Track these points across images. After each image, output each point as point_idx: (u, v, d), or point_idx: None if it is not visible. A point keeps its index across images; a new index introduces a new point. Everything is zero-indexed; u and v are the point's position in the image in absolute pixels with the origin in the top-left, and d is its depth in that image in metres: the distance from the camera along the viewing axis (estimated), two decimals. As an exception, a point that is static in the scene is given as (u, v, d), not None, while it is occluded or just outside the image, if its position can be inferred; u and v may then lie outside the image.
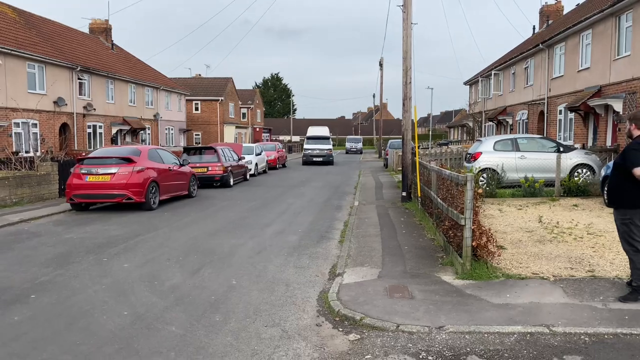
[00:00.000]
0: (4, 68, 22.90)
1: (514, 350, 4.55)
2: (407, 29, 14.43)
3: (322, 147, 35.74)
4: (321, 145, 36.01)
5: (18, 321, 5.37)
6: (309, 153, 36.06)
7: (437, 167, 9.70)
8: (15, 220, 11.65)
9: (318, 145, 36.02)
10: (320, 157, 35.51)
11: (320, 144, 36.09)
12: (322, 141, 36.48)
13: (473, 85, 42.64)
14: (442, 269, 7.13)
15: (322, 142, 36.39)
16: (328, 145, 36.17)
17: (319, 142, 36.32)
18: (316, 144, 36.17)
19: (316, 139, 36.70)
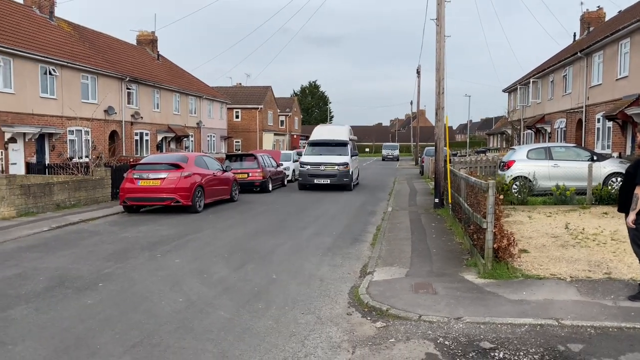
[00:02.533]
0: (60, 79, 24.57)
1: (523, 338, 5.08)
2: (440, 42, 14.96)
3: (330, 160, 20.83)
4: (330, 156, 21.10)
5: (91, 304, 6.25)
6: (306, 170, 20.99)
7: (464, 175, 10.21)
8: (76, 221, 12.78)
9: (325, 156, 21.18)
10: (326, 177, 20.63)
11: (329, 154, 21.22)
12: (334, 149, 21.49)
13: (512, 92, 42.44)
14: (466, 269, 7.66)
15: (332, 150, 21.45)
16: (342, 157, 21.03)
17: (327, 151, 21.44)
18: (322, 154, 21.32)
19: (324, 146, 21.76)
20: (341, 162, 20.76)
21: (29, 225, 11.93)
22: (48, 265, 8.26)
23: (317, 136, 22.57)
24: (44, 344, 5.02)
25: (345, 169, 20.63)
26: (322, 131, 23.09)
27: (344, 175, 20.60)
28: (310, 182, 20.77)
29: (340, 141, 21.83)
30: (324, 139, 22.03)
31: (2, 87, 21.12)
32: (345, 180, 20.68)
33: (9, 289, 6.87)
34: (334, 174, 20.55)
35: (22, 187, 13.76)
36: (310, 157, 21.25)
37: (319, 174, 20.61)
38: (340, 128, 23.81)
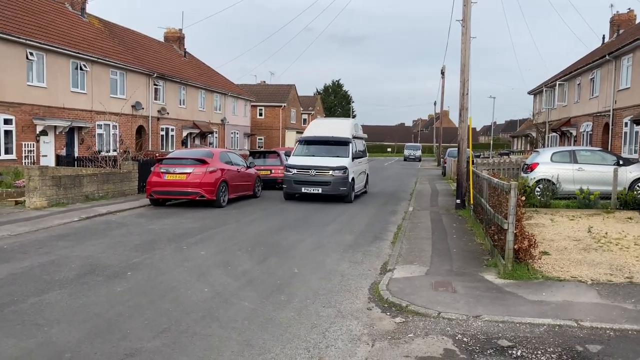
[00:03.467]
0: (90, 74, 25.17)
1: (542, 338, 5.15)
2: (465, 43, 14.94)
3: (323, 164, 16.27)
4: (325, 158, 16.63)
5: (120, 291, 6.51)
6: (291, 176, 16.40)
7: (487, 176, 10.24)
8: (104, 212, 13.16)
9: (318, 158, 16.73)
10: (317, 184, 16.13)
11: (324, 155, 16.80)
12: (331, 149, 17.12)
13: (537, 95, 41.91)
14: (486, 269, 7.72)
15: (329, 150, 17.09)
16: (340, 160, 16.47)
17: (322, 151, 17.09)
18: (315, 155, 16.98)
19: (319, 144, 17.49)
20: (337, 165, 16.05)
21: (59, 215, 12.33)
22: (79, 253, 8.58)
23: (312, 132, 18.05)
24: (78, 327, 5.27)
25: (342, 174, 16.02)
26: (320, 126, 18.60)
27: (341, 183, 15.97)
28: (297, 190, 16.29)
29: (341, 139, 17.26)
30: (320, 136, 17.59)
31: (36, 82, 21.75)
32: (342, 190, 16.01)
33: (43, 275, 7.18)
34: (326, 180, 15.95)
35: (53, 178, 14.21)
36: (298, 159, 16.83)
37: (307, 181, 16.07)
38: (343, 122, 18.97)
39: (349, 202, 16.28)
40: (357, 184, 17.41)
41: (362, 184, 18.73)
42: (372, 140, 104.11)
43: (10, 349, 4.69)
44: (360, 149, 19.00)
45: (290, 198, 16.78)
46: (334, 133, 17.62)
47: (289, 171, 16.44)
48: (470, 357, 4.72)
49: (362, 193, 19.03)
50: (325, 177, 16.05)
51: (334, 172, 16.05)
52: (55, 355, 4.57)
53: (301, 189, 16.24)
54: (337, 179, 16.04)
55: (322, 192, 16.04)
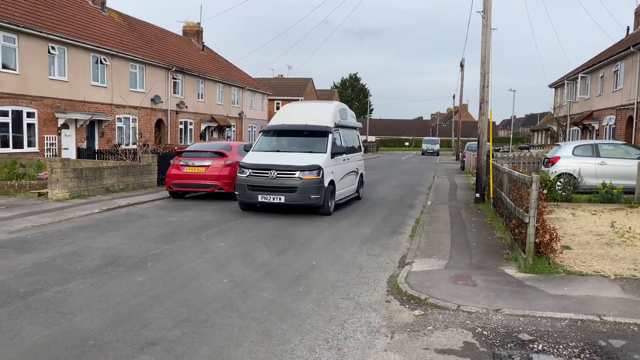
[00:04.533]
0: (110, 68, 25.44)
1: (563, 332, 5.08)
2: (486, 34, 14.74)
3: (288, 162, 12.10)
4: (293, 154, 12.57)
5: (141, 281, 6.59)
6: (245, 179, 12.12)
7: (507, 169, 10.11)
8: (124, 204, 13.33)
9: (283, 154, 12.72)
10: (279, 190, 11.86)
11: (293, 151, 12.83)
12: (305, 142, 13.10)
13: (558, 88, 41.23)
14: (507, 263, 7.64)
15: (302, 143, 13.08)
16: (312, 157, 12.32)
17: (292, 145, 13.17)
18: (279, 151, 12.99)
19: (288, 135, 13.49)
20: (308, 164, 11.76)
21: (81, 207, 12.52)
22: (100, 244, 8.70)
23: (281, 119, 13.77)
24: (100, 315, 5.35)
25: (314, 177, 11.66)
26: (292, 112, 14.24)
27: (312, 189, 11.60)
28: (251, 199, 11.91)
29: (317, 128, 12.86)
30: (289, 125, 13.27)
31: (57, 75, 22.07)
32: (314, 198, 11.64)
33: (66, 265, 7.30)
34: (292, 185, 11.62)
35: (75, 170, 14.42)
36: (256, 156, 12.51)
37: (265, 186, 11.70)
38: (323, 107, 14.40)
39: (325, 214, 12.08)
40: (340, 188, 13.15)
41: (352, 188, 14.47)
42: (390, 134, 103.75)
43: (36, 336, 4.78)
44: (350, 142, 14.61)
45: (250, 208, 12.59)
46: (310, 120, 13.12)
47: (242, 172, 12.07)
48: (490, 350, 4.69)
49: (354, 199, 14.90)
50: (291, 181, 11.64)
51: (302, 174, 11.62)
52: (79, 343, 4.65)
53: (257, 197, 11.70)
54: (307, 183, 11.55)
55: (286, 201, 11.63)
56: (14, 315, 5.31)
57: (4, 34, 19.03)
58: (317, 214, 12.16)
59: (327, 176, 12.12)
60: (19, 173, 16.06)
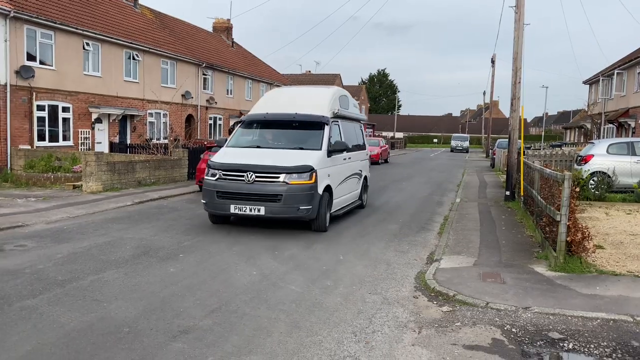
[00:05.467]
0: (142, 64, 25.91)
1: (595, 332, 5.01)
2: (518, 30, 14.50)
3: (271, 162, 9.28)
4: (276, 152, 9.79)
5: (173, 272, 6.75)
6: (214, 184, 9.34)
7: (539, 166, 9.96)
8: (156, 197, 13.62)
9: (265, 150, 9.92)
10: (257, 199, 9.04)
11: (275, 148, 10.06)
12: (291, 135, 10.38)
13: (593, 84, 40.21)
14: (537, 261, 7.54)
15: (291, 138, 10.32)
16: (305, 155, 9.57)
17: (278, 139, 10.51)
18: (260, 147, 10.16)
19: (273, 127, 10.78)
20: (296, 165, 9.17)
21: (114, 200, 12.85)
22: (133, 235, 8.93)
23: (264, 107, 11.00)
24: (134, 304, 5.52)
25: (304, 182, 9.07)
26: (280, 98, 11.48)
27: (301, 198, 9.00)
28: (222, 209, 9.30)
29: (310, 119, 10.23)
30: (275, 114, 10.49)
31: (91, 71, 22.60)
32: (303, 210, 9.04)
33: (101, 255, 7.53)
34: (274, 193, 8.98)
35: (108, 164, 14.79)
36: (229, 153, 9.87)
37: (239, 193, 9.10)
38: (319, 92, 11.53)
39: (320, 231, 9.44)
40: (339, 195, 10.54)
41: (354, 194, 11.92)
42: (418, 130, 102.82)
43: (74, 322, 4.97)
44: (352, 137, 11.96)
45: (221, 221, 9.96)
46: (302, 108, 10.31)
47: (210, 174, 9.41)
48: (519, 347, 4.66)
49: (356, 207, 12.11)
50: (273, 187, 8.93)
51: (288, 177, 8.93)
52: (114, 329, 4.81)
53: (229, 208, 9.05)
54: (294, 189, 8.88)
55: (266, 214, 8.88)
56: (53, 302, 5.52)
57: (41, 31, 19.58)
58: (309, 229, 9.44)
59: (321, 180, 9.23)
60: (54, 166, 16.56)
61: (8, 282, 6.15)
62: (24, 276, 6.38)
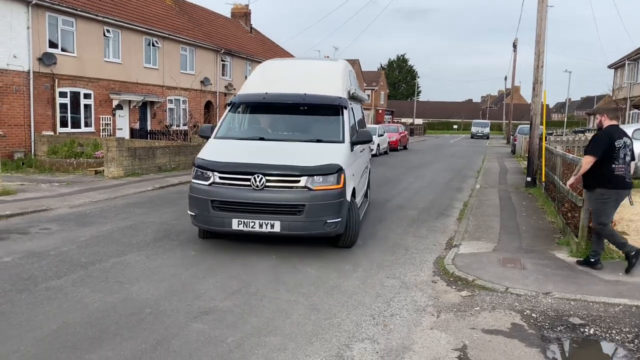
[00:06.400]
0: (162, 51, 26.05)
1: (617, 318, 4.95)
2: (542, 12, 14.19)
3: (286, 162, 6.85)
4: (288, 146, 7.42)
5: (193, 255, 6.85)
6: (209, 191, 6.87)
7: (561, 152, 9.81)
8: (176, 182, 13.77)
9: (272, 146, 7.42)
10: (270, 211, 6.61)
11: (285, 141, 7.62)
12: (299, 123, 8.09)
13: (618, 69, 39.25)
14: (558, 247, 7.46)
15: (295, 126, 8.06)
16: (327, 149, 7.27)
17: (281, 131, 8.06)
18: (264, 142, 7.53)
19: (275, 112, 8.27)
20: (320, 164, 6.86)
21: (135, 185, 13.02)
22: (154, 220, 9.06)
23: (260, 84, 8.44)
24: (155, 286, 5.61)
25: (332, 187, 6.78)
26: (279, 74, 8.90)
27: (327, 208, 6.70)
28: (220, 225, 6.83)
29: (326, 101, 8.04)
30: (279, 95, 8.07)
31: (112, 57, 22.80)
32: (331, 224, 6.73)
33: (123, 238, 7.66)
34: (294, 203, 6.65)
35: (129, 150, 14.98)
36: (224, 147, 7.53)
37: (246, 204, 6.69)
38: (328, 67, 9.18)
39: (347, 247, 7.34)
40: (358, 198, 8.25)
41: (364, 191, 9.95)
42: (438, 116, 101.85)
43: (97, 303, 5.08)
44: (362, 122, 10.19)
45: (214, 235, 7.61)
46: (308, 87, 8.02)
47: (200, 177, 7.09)
48: (539, 332, 4.63)
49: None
50: (292, 195, 6.69)
51: (311, 181, 6.72)
52: (137, 310, 4.90)
53: (230, 223, 6.72)
54: (320, 197, 6.67)
55: (283, 230, 6.64)
56: (77, 283, 5.65)
57: (63, 18, 19.78)
58: (334, 245, 7.30)
59: (348, 183, 7.08)
60: (77, 152, 16.83)
61: (34, 263, 6.30)
62: (48, 258, 6.53)
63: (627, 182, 6.18)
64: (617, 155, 6.09)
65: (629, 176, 6.25)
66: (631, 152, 6.24)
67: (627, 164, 6.17)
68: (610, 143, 6.09)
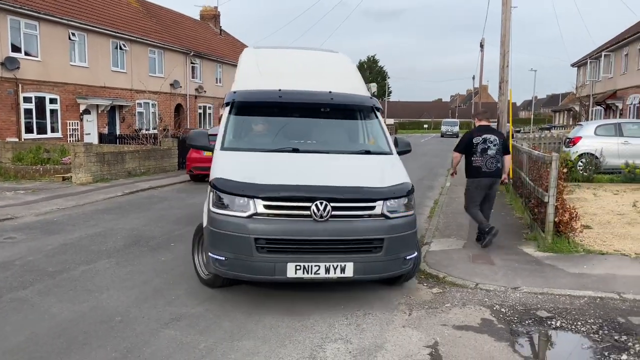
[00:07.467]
0: (130, 54, 25.65)
1: (582, 310, 5.10)
2: (506, 13, 14.50)
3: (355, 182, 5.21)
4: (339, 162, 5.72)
5: (165, 260, 6.77)
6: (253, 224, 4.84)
7: (527, 149, 10.04)
8: (146, 187, 13.57)
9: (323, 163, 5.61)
10: (342, 250, 4.92)
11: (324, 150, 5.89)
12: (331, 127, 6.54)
13: (581, 67, 40.37)
14: (525, 243, 7.63)
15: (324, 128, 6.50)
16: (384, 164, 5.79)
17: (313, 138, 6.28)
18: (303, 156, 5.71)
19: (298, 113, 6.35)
20: (390, 185, 5.26)
21: (104, 190, 12.79)
22: (124, 226, 8.91)
23: (260, 79, 6.48)
24: (126, 293, 5.53)
25: (406, 214, 5.26)
26: (281, 63, 6.98)
27: (406, 241, 5.23)
28: (268, 271, 4.88)
29: (355, 100, 6.46)
30: (298, 93, 6.17)
31: (78, 61, 22.36)
32: (410, 260, 5.32)
33: (92, 245, 7.52)
34: (370, 237, 4.97)
35: (97, 155, 14.70)
36: (250, 161, 5.58)
37: (307, 241, 4.85)
38: (338, 61, 7.30)
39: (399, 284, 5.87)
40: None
41: None
42: (408, 116, 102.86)
43: (65, 312, 4.97)
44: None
45: (232, 282, 5.63)
46: (324, 84, 6.41)
47: (234, 206, 4.98)
48: (508, 327, 4.74)
49: None
50: (365, 225, 5.05)
51: (388, 206, 5.12)
52: (106, 318, 4.82)
53: (284, 269, 4.85)
54: (399, 227, 5.14)
55: (356, 274, 4.96)
56: (44, 292, 5.52)
57: (25, 21, 19.29)
58: (389, 283, 5.83)
59: (414, 213, 5.58)
60: (43, 158, 16.43)
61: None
62: (13, 268, 6.37)
63: (484, 171, 7.10)
64: (476, 150, 7.22)
65: (489, 166, 7.22)
66: (498, 146, 7.24)
67: (488, 156, 7.22)
68: (469, 140, 7.37)
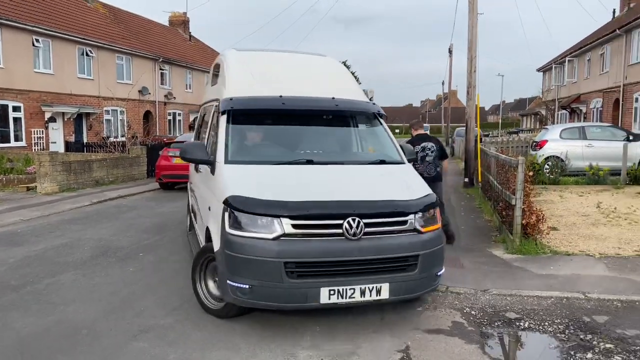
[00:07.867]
0: (97, 60, 25.20)
1: (549, 310, 5.20)
2: (472, 19, 14.79)
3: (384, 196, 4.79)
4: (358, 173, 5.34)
5: (133, 271, 6.63)
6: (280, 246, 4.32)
7: (495, 153, 10.23)
8: (114, 196, 13.30)
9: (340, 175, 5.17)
10: (375, 270, 4.50)
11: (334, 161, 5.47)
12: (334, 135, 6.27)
13: (546, 72, 41.45)
14: (495, 245, 7.76)
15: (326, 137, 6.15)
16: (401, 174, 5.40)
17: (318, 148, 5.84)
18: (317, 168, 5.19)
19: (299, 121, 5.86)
20: (418, 197, 4.88)
21: (70, 200, 12.48)
22: (91, 236, 8.71)
23: (259, 84, 5.87)
24: (93, 305, 5.39)
25: (434, 229, 4.86)
26: (274, 67, 6.41)
27: (438, 256, 4.88)
28: (300, 298, 4.39)
29: (359, 107, 6.28)
30: (300, 99, 5.72)
31: (42, 68, 21.84)
32: (440, 277, 5.00)
33: (57, 257, 7.31)
34: (405, 255, 4.61)
35: (64, 164, 14.35)
36: (267, 175, 4.95)
37: (341, 262, 4.42)
38: (327, 64, 6.89)
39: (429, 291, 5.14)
40: None
41: None
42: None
43: (29, 327, 4.82)
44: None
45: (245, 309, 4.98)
46: (322, 89, 6.01)
47: (257, 227, 4.41)
48: (478, 329, 4.79)
49: None
50: (399, 241, 4.63)
51: (419, 219, 4.77)
52: (72, 332, 4.69)
53: (317, 295, 4.38)
54: (432, 242, 4.78)
55: (392, 296, 4.58)
56: (6, 307, 5.34)
57: (-14, 27, 18.77)
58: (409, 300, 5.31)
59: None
60: (6, 168, 15.96)
61: (-42, 289, 5.90)
62: (-26, 282, 6.14)
63: (425, 177, 6.93)
64: (417, 157, 7.41)
65: (429, 172, 7.72)
66: (435, 152, 7.85)
67: (426, 163, 7.82)
68: None
